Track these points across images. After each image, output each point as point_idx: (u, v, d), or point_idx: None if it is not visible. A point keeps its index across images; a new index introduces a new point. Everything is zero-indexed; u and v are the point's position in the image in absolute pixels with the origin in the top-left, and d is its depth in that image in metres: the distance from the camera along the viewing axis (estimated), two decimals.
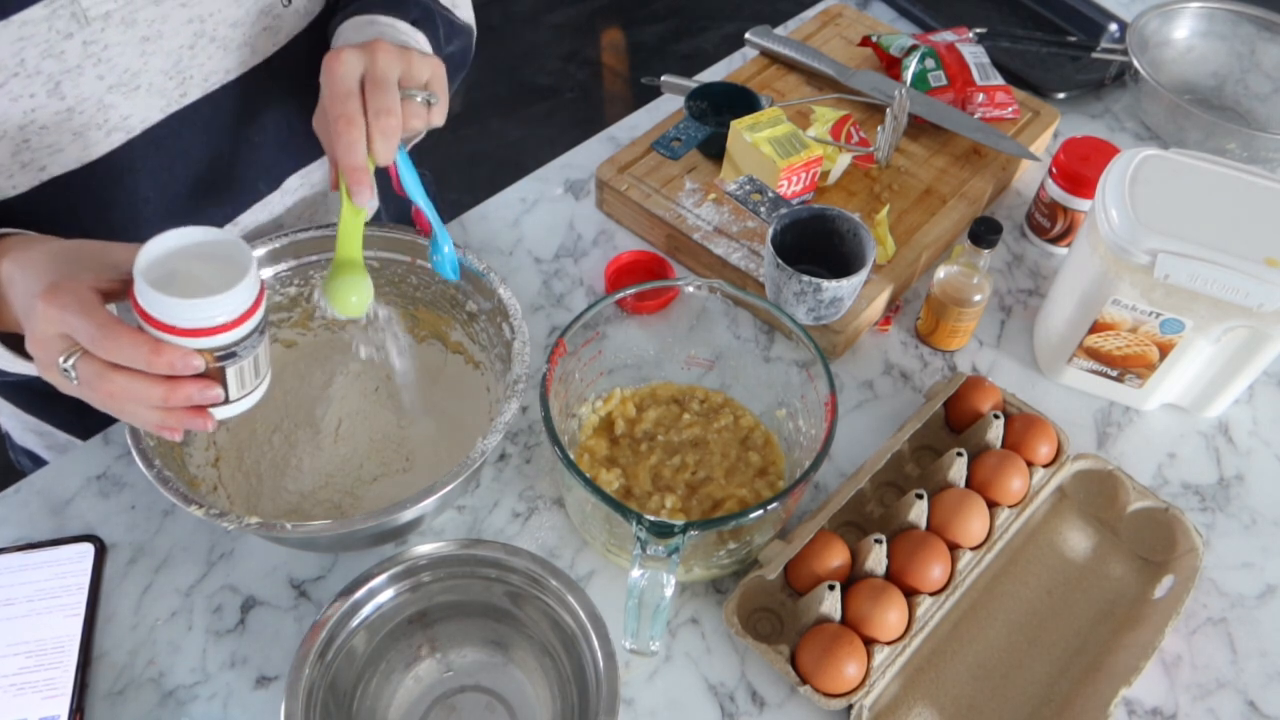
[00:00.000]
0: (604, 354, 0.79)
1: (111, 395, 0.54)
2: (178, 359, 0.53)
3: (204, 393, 0.55)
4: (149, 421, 0.56)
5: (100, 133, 0.67)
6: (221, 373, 0.56)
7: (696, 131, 0.97)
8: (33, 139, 0.64)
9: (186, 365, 0.54)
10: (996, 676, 0.72)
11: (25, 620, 0.71)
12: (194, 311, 0.53)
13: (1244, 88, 1.17)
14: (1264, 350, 0.79)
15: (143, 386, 0.54)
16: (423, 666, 0.69)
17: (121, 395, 0.54)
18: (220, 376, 0.56)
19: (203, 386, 0.55)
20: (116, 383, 0.54)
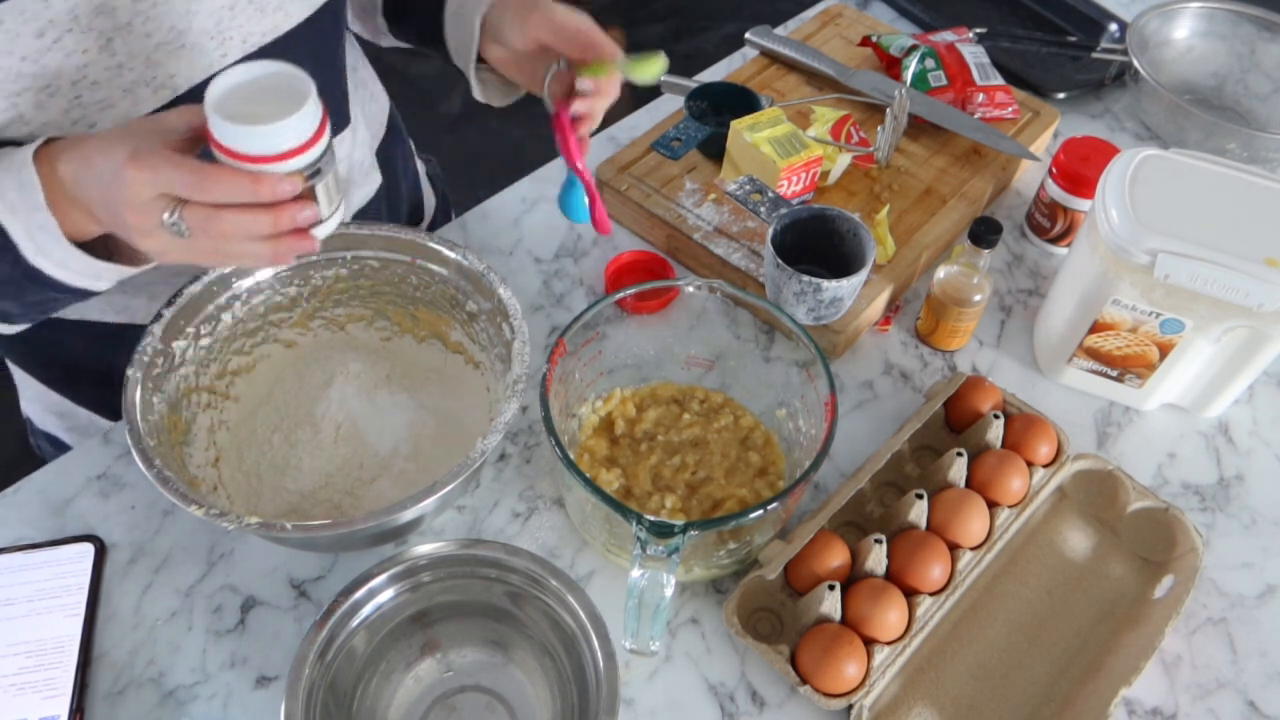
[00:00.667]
0: (604, 354, 0.79)
1: (223, 235, 0.57)
2: (277, 184, 0.56)
3: (304, 213, 0.58)
4: (260, 255, 0.59)
5: (148, 90, 0.68)
6: (312, 191, 0.58)
7: (696, 131, 0.97)
8: (84, 95, 0.65)
9: (286, 188, 0.57)
10: (996, 676, 0.72)
11: (25, 620, 0.71)
12: (278, 136, 0.55)
13: (1244, 88, 1.17)
14: (1264, 350, 0.79)
15: (250, 219, 0.57)
16: (423, 666, 0.69)
17: (232, 233, 0.57)
18: (311, 195, 0.59)
19: (301, 207, 0.58)
20: (226, 220, 0.56)
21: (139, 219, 0.57)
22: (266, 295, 0.77)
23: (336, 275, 0.79)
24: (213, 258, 0.60)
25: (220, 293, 0.75)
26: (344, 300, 0.81)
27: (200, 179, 0.55)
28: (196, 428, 0.75)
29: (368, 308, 0.82)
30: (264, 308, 0.78)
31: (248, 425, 0.78)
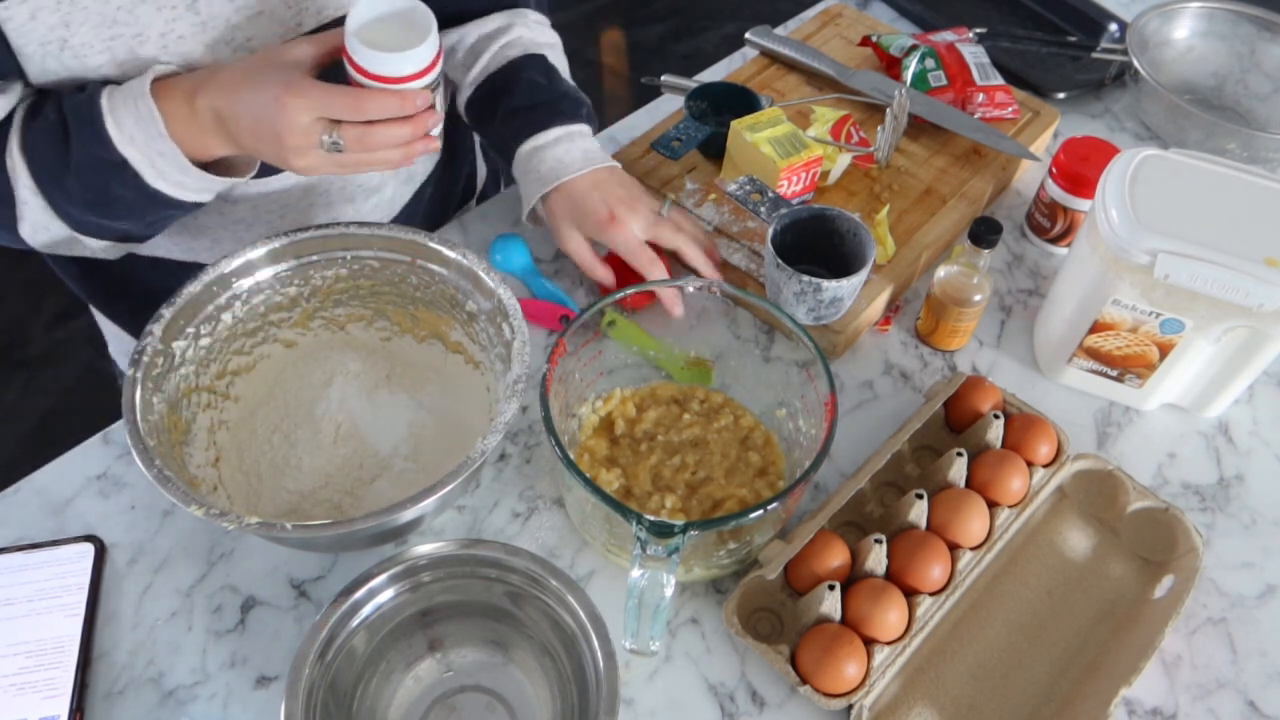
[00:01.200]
0: (604, 354, 0.79)
1: (373, 146, 0.68)
2: (419, 99, 0.68)
3: (431, 120, 0.70)
4: (397, 160, 0.70)
5: (227, 49, 0.73)
6: (431, 101, 0.69)
7: (696, 131, 0.97)
8: (171, 46, 0.70)
9: (425, 101, 0.68)
10: (996, 676, 0.72)
11: (25, 620, 0.71)
12: (413, 59, 0.66)
13: (1244, 88, 1.17)
14: (1264, 350, 0.79)
15: (395, 131, 0.68)
16: (423, 666, 0.69)
17: (380, 144, 0.68)
18: (432, 104, 0.70)
19: (430, 115, 0.69)
20: (376, 135, 0.68)
21: (299, 140, 0.67)
22: (266, 295, 0.77)
23: (336, 275, 0.79)
24: (355, 168, 0.70)
25: (220, 293, 0.75)
26: (344, 300, 0.81)
27: (356, 101, 0.66)
28: (196, 428, 0.75)
29: (368, 308, 0.82)
30: (264, 308, 0.78)
31: (248, 425, 0.78)
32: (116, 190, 0.70)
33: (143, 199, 0.71)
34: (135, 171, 0.69)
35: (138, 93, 0.67)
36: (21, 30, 0.66)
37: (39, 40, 0.67)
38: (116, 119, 0.67)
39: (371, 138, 0.68)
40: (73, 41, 0.67)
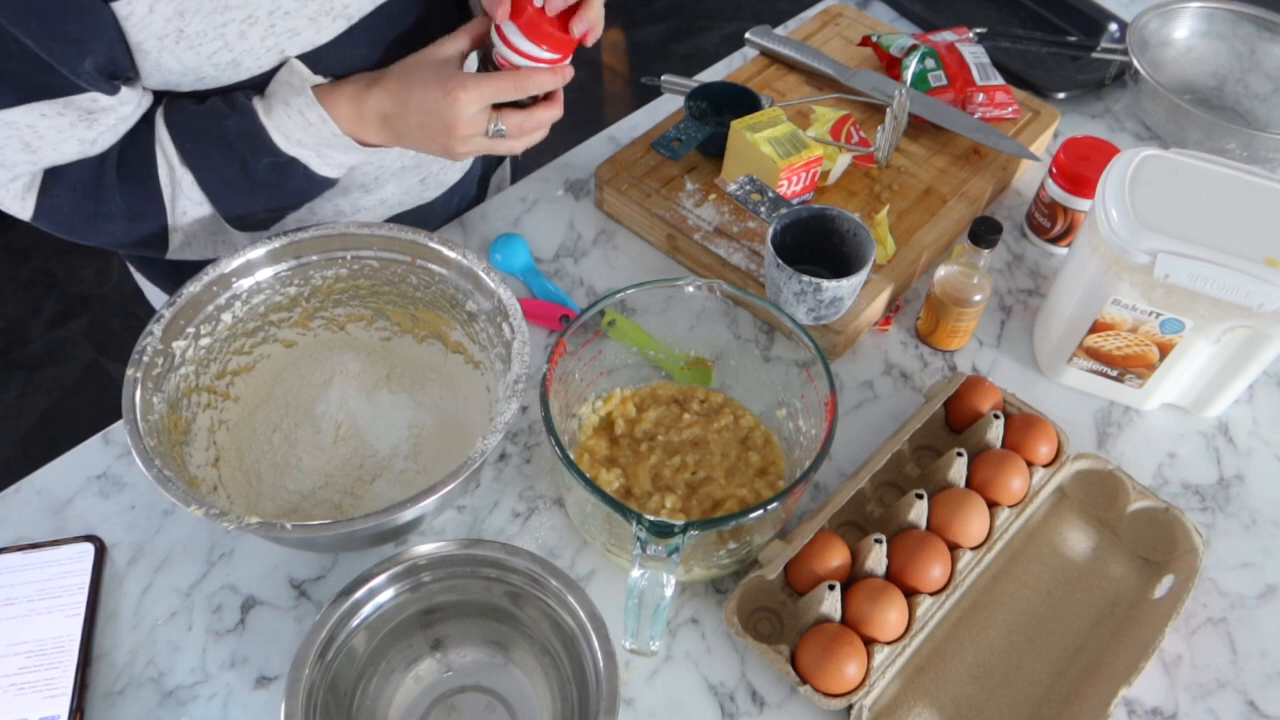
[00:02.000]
0: (604, 354, 0.79)
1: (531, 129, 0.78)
2: (568, 73, 0.76)
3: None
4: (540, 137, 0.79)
5: (328, 19, 0.76)
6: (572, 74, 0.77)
7: (696, 131, 0.97)
8: (278, 24, 0.73)
9: (570, 74, 0.77)
10: (996, 676, 0.72)
11: (25, 620, 0.71)
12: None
13: (1244, 88, 1.17)
14: (1264, 350, 0.79)
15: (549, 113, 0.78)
16: (423, 666, 0.69)
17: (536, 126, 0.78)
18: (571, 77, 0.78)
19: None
20: (536, 116, 0.77)
21: (468, 129, 0.75)
22: (266, 295, 0.78)
23: (336, 275, 0.79)
24: (509, 147, 0.78)
25: (220, 293, 0.75)
26: (344, 300, 0.81)
27: (520, 82, 0.74)
28: (196, 428, 0.75)
29: (368, 308, 0.82)
30: (264, 308, 0.78)
31: (248, 425, 0.78)
32: (290, 186, 0.79)
33: (312, 187, 0.81)
34: (305, 166, 0.78)
35: (304, 103, 0.74)
36: (141, 25, 0.67)
37: (156, 34, 0.68)
38: (284, 131, 0.75)
39: (530, 122, 0.77)
40: (188, 31, 0.69)
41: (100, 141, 0.73)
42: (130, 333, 0.71)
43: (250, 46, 0.73)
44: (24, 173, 0.72)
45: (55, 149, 0.71)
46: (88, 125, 0.71)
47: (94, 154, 0.73)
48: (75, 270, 2.14)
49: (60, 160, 0.72)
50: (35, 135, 0.69)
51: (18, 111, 0.67)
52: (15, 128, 0.68)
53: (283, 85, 0.75)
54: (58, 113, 0.69)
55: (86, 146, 0.72)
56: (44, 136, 0.70)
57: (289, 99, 0.74)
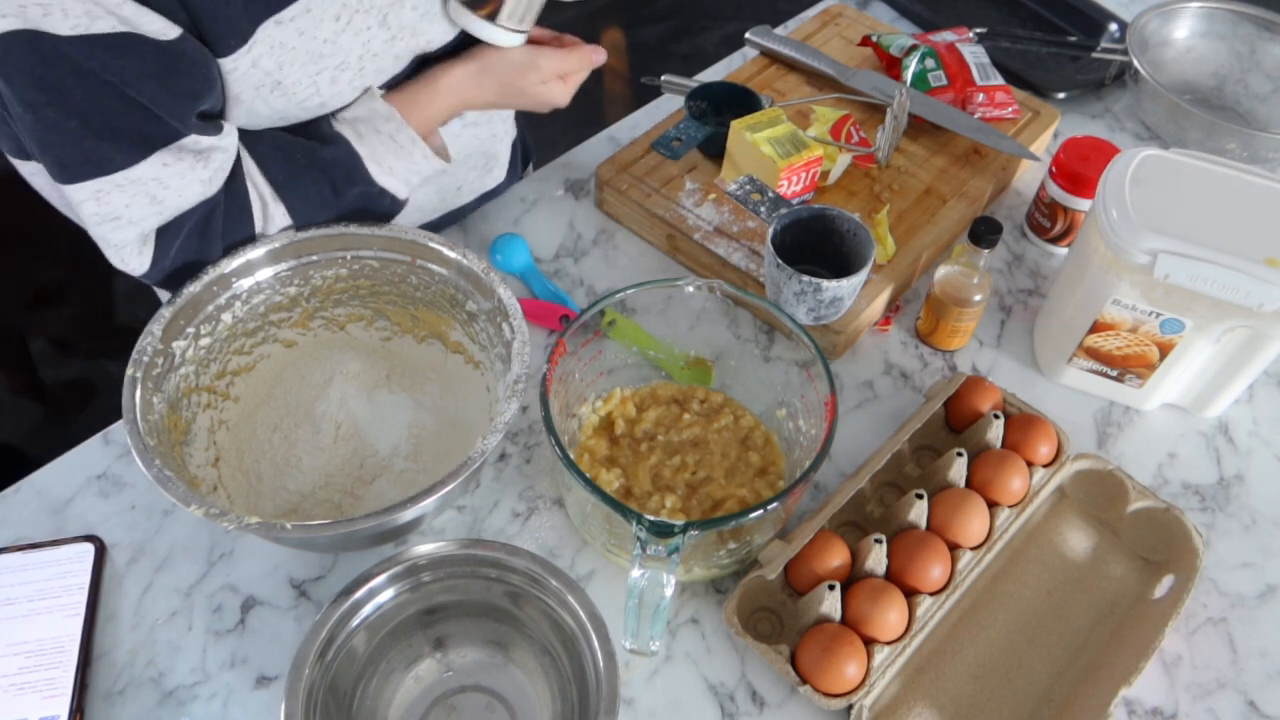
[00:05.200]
0: (604, 354, 0.79)
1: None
2: None
3: None
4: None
5: (410, 54, 0.80)
6: None
7: (696, 131, 0.97)
8: (367, 65, 0.77)
9: None
10: (996, 676, 0.72)
11: (25, 620, 0.71)
12: None
13: (1244, 88, 1.17)
14: (1264, 350, 0.79)
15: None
16: (423, 666, 0.69)
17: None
18: None
19: None
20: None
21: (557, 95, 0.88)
22: (266, 295, 0.78)
23: (336, 275, 0.79)
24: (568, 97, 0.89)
25: (220, 293, 0.75)
26: (344, 300, 0.81)
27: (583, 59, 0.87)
28: (196, 428, 0.75)
29: (368, 308, 0.82)
30: (264, 308, 0.78)
31: (248, 425, 0.78)
32: (373, 210, 0.81)
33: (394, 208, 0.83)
34: (392, 195, 0.81)
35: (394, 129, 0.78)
36: (243, 78, 0.70)
37: (254, 85, 0.71)
38: (377, 158, 0.78)
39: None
40: (285, 82, 0.72)
41: (216, 180, 0.73)
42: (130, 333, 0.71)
43: (339, 90, 0.76)
44: (149, 227, 0.72)
45: (180, 195, 0.71)
46: (204, 165, 0.72)
47: (212, 194, 0.73)
48: (75, 270, 2.13)
49: (184, 206, 0.72)
50: (160, 186, 0.70)
51: (141, 167, 0.69)
52: (142, 183, 0.69)
53: (367, 112, 0.78)
54: (176, 158, 0.70)
55: (206, 187, 0.73)
56: (168, 185, 0.70)
57: (379, 126, 0.78)
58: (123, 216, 0.70)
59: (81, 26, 0.60)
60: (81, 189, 0.68)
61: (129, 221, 0.71)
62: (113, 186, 0.68)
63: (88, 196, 0.69)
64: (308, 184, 0.77)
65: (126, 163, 0.68)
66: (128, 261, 0.73)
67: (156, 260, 0.73)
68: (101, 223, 0.70)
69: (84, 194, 0.68)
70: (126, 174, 0.68)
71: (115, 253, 0.73)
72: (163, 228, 0.73)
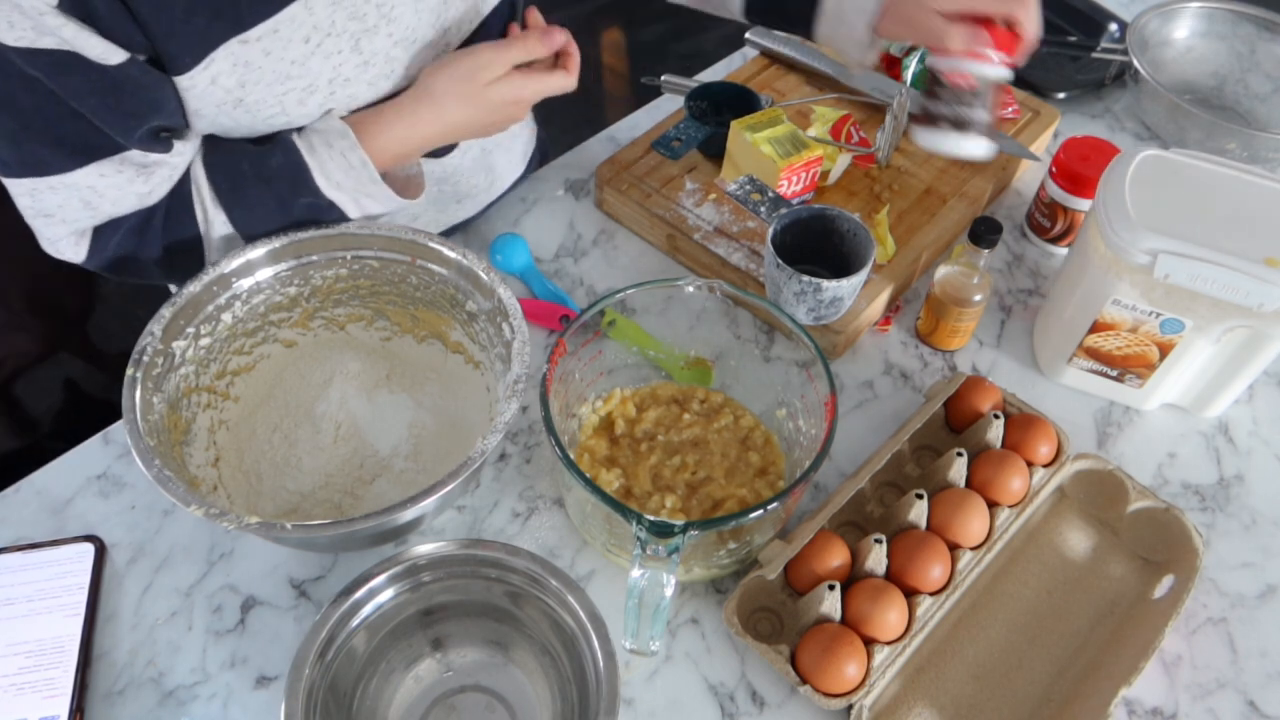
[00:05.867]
0: (604, 354, 0.79)
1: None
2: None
3: None
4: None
5: (387, 83, 0.78)
6: None
7: (696, 131, 0.97)
8: (338, 90, 0.75)
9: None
10: (996, 676, 0.72)
11: (25, 620, 0.71)
12: None
13: (1244, 88, 1.17)
14: (1264, 350, 0.79)
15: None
16: (423, 666, 0.69)
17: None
18: None
19: None
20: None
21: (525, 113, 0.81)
22: (266, 295, 0.77)
23: (336, 275, 0.79)
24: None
25: (220, 293, 0.75)
26: (344, 300, 0.81)
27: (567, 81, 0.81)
28: (196, 428, 0.75)
29: (368, 308, 0.82)
30: (264, 308, 0.78)
31: (248, 425, 0.78)
32: (322, 223, 0.78)
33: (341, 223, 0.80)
34: (341, 210, 0.78)
35: (346, 146, 0.74)
36: (202, 95, 0.69)
37: (215, 102, 0.70)
38: (326, 172, 0.75)
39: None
40: (247, 100, 0.71)
41: (156, 193, 0.74)
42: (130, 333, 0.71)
43: (308, 111, 0.75)
44: (83, 227, 0.74)
45: (114, 204, 0.72)
46: (144, 180, 0.72)
47: (151, 205, 0.74)
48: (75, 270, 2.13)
49: (118, 213, 0.73)
50: (95, 194, 0.71)
51: (78, 174, 0.69)
52: (76, 189, 0.70)
53: (324, 126, 0.76)
54: (116, 170, 0.70)
55: (144, 199, 0.73)
56: (104, 195, 0.71)
57: (331, 140, 0.75)
58: (55, 215, 0.72)
59: (26, 40, 0.60)
60: (17, 184, 0.70)
61: (61, 220, 0.72)
62: (47, 188, 0.70)
63: (23, 192, 0.70)
64: (252, 193, 0.75)
65: (63, 168, 0.69)
66: (62, 253, 0.75)
67: (94, 253, 0.75)
68: (35, 216, 0.72)
69: (19, 189, 0.70)
70: (62, 179, 0.69)
71: (49, 245, 0.75)
72: (100, 226, 0.74)
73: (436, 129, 0.78)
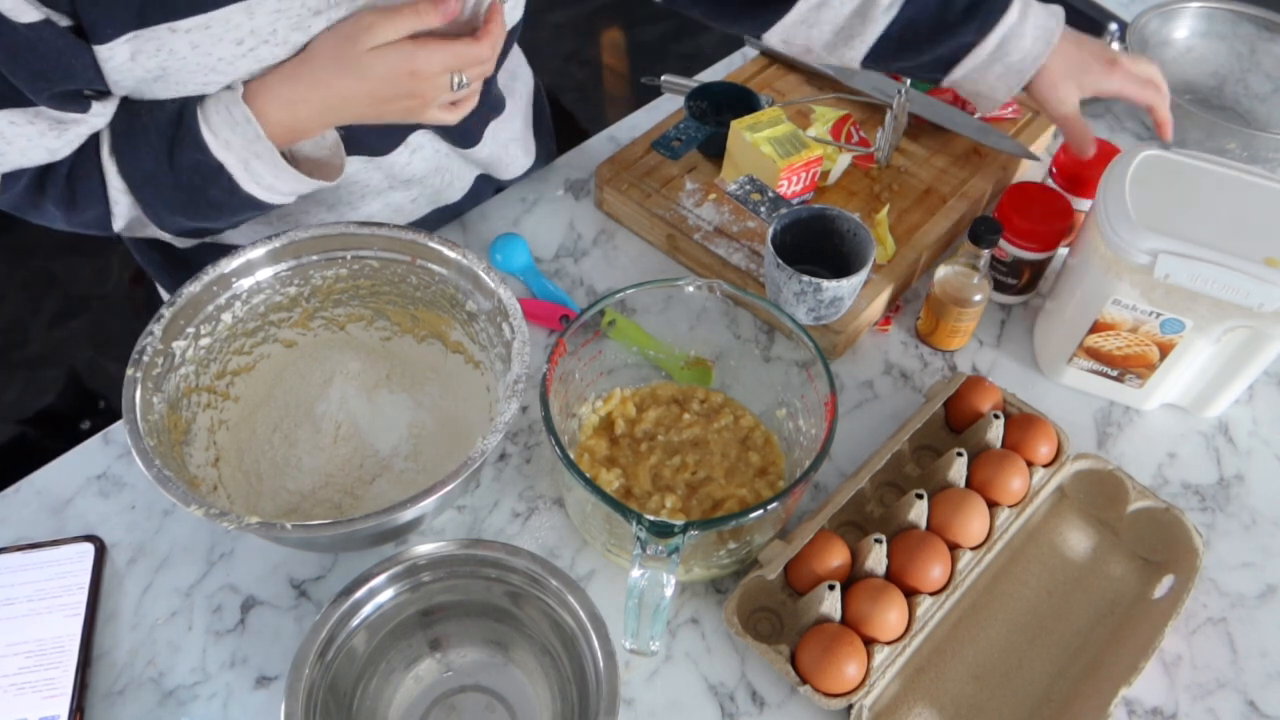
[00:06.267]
0: (604, 354, 0.79)
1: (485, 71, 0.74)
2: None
3: None
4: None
5: None
6: None
7: (696, 131, 0.97)
8: None
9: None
10: (996, 676, 0.72)
11: (25, 620, 0.71)
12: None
13: (1244, 88, 1.17)
14: (1264, 350, 0.79)
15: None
16: (423, 666, 0.69)
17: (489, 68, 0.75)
18: None
19: None
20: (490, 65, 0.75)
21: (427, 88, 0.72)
22: (266, 295, 0.77)
23: (336, 275, 0.79)
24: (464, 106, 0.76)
25: (220, 293, 0.75)
26: (344, 300, 0.81)
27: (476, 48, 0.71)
28: (196, 428, 0.75)
29: (368, 308, 0.82)
30: (264, 308, 0.78)
31: (248, 425, 0.78)
32: (212, 194, 0.74)
33: (234, 202, 0.75)
34: (230, 175, 0.73)
35: (230, 101, 0.71)
36: (120, 69, 0.67)
37: (135, 78, 0.69)
38: (212, 127, 0.71)
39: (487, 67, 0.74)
40: (169, 80, 0.69)
41: (64, 150, 0.72)
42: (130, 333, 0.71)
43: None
44: None
45: (23, 154, 0.70)
46: (57, 135, 0.70)
47: (59, 160, 0.72)
48: (75, 270, 2.13)
49: (27, 164, 0.71)
50: (3, 141, 0.69)
51: None
52: None
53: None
54: (28, 121, 0.69)
55: (53, 154, 0.72)
56: (12, 143, 0.69)
57: (219, 96, 0.71)
58: None
59: None
60: None
61: None
62: None
63: None
64: (142, 143, 0.72)
65: None
66: None
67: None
68: None
69: None
70: None
71: None
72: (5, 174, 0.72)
73: (319, 96, 0.71)
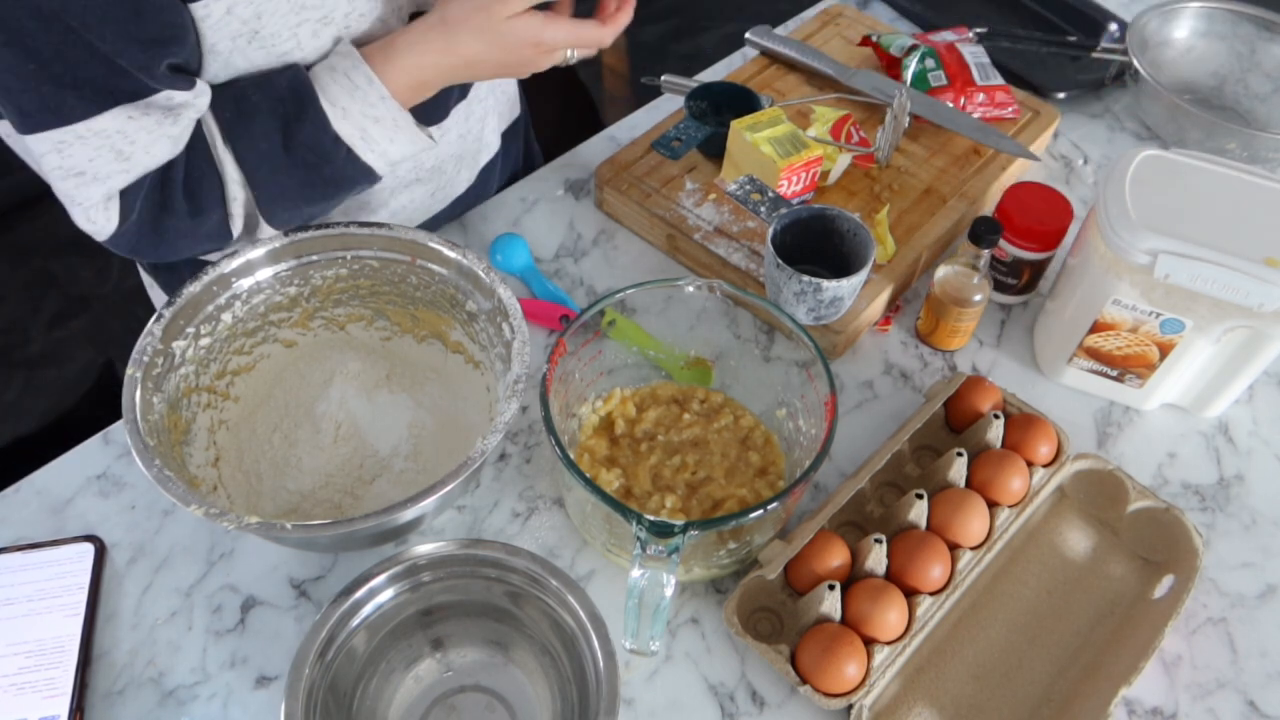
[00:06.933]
0: (604, 354, 0.79)
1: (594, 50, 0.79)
2: None
3: None
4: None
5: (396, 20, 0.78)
6: None
7: (696, 131, 0.97)
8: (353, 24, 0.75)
9: None
10: (996, 676, 0.72)
11: (25, 620, 0.71)
12: None
13: (1244, 88, 1.16)
14: (1264, 350, 0.79)
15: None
16: (423, 666, 0.69)
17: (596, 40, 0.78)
18: None
19: None
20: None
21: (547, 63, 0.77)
22: (266, 295, 0.77)
23: (336, 275, 0.79)
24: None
25: (220, 292, 0.75)
26: (344, 300, 0.81)
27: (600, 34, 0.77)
28: (196, 428, 0.75)
29: (368, 308, 0.82)
30: (264, 307, 0.78)
31: (248, 425, 0.78)
32: (327, 171, 0.75)
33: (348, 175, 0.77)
34: (347, 146, 0.74)
35: (348, 65, 0.72)
36: (217, 26, 0.67)
37: (231, 34, 0.69)
38: (329, 96, 0.73)
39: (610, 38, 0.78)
40: (263, 32, 0.70)
41: (184, 137, 0.71)
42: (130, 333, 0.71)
43: (321, 45, 0.74)
44: (116, 186, 0.70)
45: (148, 152, 0.69)
46: (173, 121, 0.69)
47: (180, 151, 0.71)
48: (75, 270, 2.13)
49: (153, 164, 0.70)
50: (126, 141, 0.68)
51: (104, 119, 0.66)
52: (105, 135, 0.67)
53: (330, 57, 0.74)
54: (143, 113, 0.67)
55: (176, 144, 0.71)
56: (135, 141, 0.68)
57: (335, 63, 0.73)
58: (87, 172, 0.68)
59: None
60: (43, 140, 0.66)
61: (94, 178, 0.68)
62: (75, 138, 0.66)
63: (49, 148, 0.66)
64: (256, 124, 0.72)
65: (87, 113, 0.65)
66: (94, 220, 0.71)
67: (124, 218, 0.71)
68: (65, 178, 0.68)
69: (45, 145, 0.66)
70: (89, 125, 0.66)
71: (81, 213, 0.70)
72: (125, 189, 0.70)
73: (449, 61, 0.74)
